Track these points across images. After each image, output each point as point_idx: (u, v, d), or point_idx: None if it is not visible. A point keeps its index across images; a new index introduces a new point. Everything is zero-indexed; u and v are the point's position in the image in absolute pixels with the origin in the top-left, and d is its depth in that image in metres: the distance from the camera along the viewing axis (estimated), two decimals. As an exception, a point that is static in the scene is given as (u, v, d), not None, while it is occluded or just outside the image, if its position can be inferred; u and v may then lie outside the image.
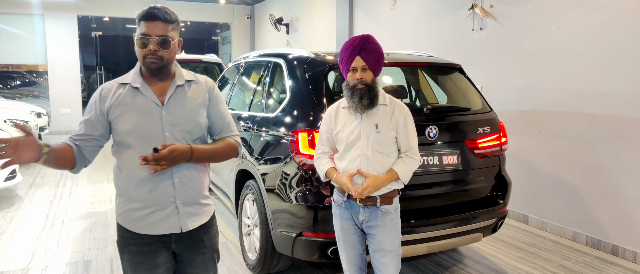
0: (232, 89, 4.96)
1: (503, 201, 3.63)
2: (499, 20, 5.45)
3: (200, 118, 2.03)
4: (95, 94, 2.01)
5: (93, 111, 1.96)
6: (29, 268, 3.99)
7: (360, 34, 2.60)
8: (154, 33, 1.90)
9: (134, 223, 1.98)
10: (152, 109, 1.95)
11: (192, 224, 2.02)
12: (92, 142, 1.97)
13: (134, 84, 1.97)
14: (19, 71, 22.62)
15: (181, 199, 1.98)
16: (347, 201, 2.59)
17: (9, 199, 6.14)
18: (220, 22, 15.18)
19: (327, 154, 2.69)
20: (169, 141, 1.92)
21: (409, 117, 2.61)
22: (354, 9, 8.64)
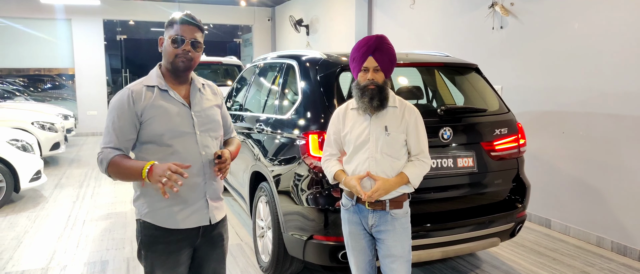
0: (248, 91, 4.96)
1: (521, 205, 3.53)
2: (520, 18, 5.31)
3: (218, 117, 2.22)
4: (122, 97, 2.04)
5: (126, 114, 2.01)
6: (48, 267, 4.07)
7: (374, 34, 2.55)
8: (188, 35, 2.04)
9: (166, 219, 2.07)
10: (182, 110, 2.08)
11: (218, 216, 2.20)
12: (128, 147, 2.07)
13: (162, 86, 2.08)
14: (48, 75, 23.26)
15: (209, 194, 2.14)
16: (355, 205, 2.54)
17: (34, 199, 6.29)
18: (241, 24, 15.28)
19: (335, 156, 2.64)
20: (199, 139, 2.09)
21: (420, 120, 2.56)
22: (373, 9, 8.57)
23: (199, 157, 2.08)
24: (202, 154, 2.10)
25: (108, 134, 2.03)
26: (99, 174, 8.00)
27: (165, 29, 2.09)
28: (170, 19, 2.08)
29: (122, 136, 2.02)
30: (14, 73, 22.55)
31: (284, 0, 13.24)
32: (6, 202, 5.81)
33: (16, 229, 5.07)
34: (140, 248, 2.12)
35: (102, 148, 2.03)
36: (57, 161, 9.30)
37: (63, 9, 12.67)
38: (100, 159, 2.02)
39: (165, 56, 2.08)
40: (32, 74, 20.60)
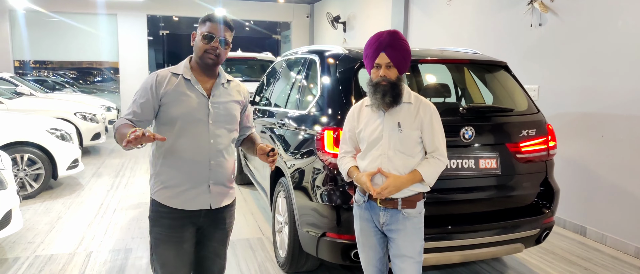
0: (274, 85, 4.96)
1: (549, 211, 3.35)
2: (560, 15, 5.06)
3: (235, 112, 2.36)
4: (149, 79, 2.24)
5: (149, 95, 2.19)
6: (76, 252, 4.20)
7: (386, 30, 2.49)
8: (218, 34, 2.21)
9: (170, 199, 2.24)
10: (200, 99, 2.23)
11: (220, 203, 2.32)
12: (143, 123, 2.22)
13: (186, 75, 2.24)
14: (95, 68, 24.18)
15: (213, 180, 2.27)
16: (368, 201, 2.49)
17: (71, 187, 6.53)
18: (280, 21, 15.36)
19: (350, 153, 2.61)
20: (211, 129, 2.24)
21: (436, 117, 2.47)
22: (410, 5, 8.40)
23: (207, 145, 2.23)
24: (210, 142, 2.24)
25: (129, 107, 2.22)
26: (135, 164, 8.22)
27: (199, 25, 2.26)
28: (205, 16, 2.24)
29: (138, 111, 2.19)
30: (66, 65, 23.61)
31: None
32: (44, 189, 6.05)
33: (51, 214, 5.26)
34: (149, 223, 2.32)
35: (120, 118, 2.22)
36: (98, 150, 9.63)
37: (109, 4, 13.11)
38: (113, 125, 2.20)
39: (196, 50, 2.24)
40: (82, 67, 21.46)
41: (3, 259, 3.99)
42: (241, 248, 4.36)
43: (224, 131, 2.28)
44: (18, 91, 9.54)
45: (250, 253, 4.23)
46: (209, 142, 2.23)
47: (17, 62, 13.83)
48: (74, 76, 22.18)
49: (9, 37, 12.80)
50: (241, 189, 6.53)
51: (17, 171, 5.71)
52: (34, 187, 5.89)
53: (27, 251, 4.18)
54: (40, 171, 5.90)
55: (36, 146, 5.84)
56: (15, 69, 13.45)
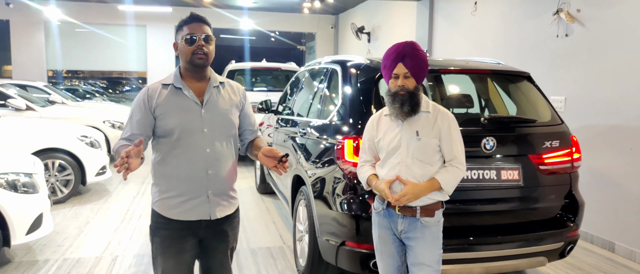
0: (296, 95, 5.01)
1: (573, 224, 3.29)
2: (587, 25, 4.98)
3: (232, 116, 2.28)
4: (141, 94, 2.21)
5: (142, 111, 2.16)
6: (102, 257, 4.30)
7: (404, 41, 2.53)
8: (199, 32, 2.15)
9: (168, 209, 2.20)
10: (193, 107, 2.18)
11: (219, 213, 2.25)
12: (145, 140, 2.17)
13: (177, 84, 2.19)
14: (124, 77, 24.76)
15: (212, 190, 2.21)
16: (386, 209, 2.52)
17: (99, 193, 6.69)
18: (305, 32, 15.50)
19: (370, 162, 2.64)
20: (207, 137, 2.18)
21: (454, 125, 2.49)
22: (434, 15, 8.39)
23: (203, 153, 2.17)
24: (207, 151, 2.17)
25: (126, 127, 2.20)
26: (161, 172, 8.37)
27: (176, 33, 2.22)
28: (179, 22, 2.20)
29: (136, 129, 2.16)
30: (96, 75, 24.27)
31: (346, 8, 13.29)
32: (74, 194, 6.22)
33: (79, 219, 5.41)
34: (149, 232, 2.28)
35: (119, 140, 2.20)
36: (126, 158, 9.83)
37: (139, 15, 13.47)
38: (113, 149, 2.19)
39: (183, 56, 2.18)
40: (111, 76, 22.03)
41: (34, 261, 4.13)
42: (262, 256, 4.40)
43: (222, 138, 2.23)
44: (51, 99, 9.87)
45: (271, 262, 4.27)
46: (206, 151, 2.17)
47: (50, 72, 14.29)
48: (103, 85, 22.79)
49: (43, 47, 13.27)
50: (263, 198, 6.58)
51: (49, 177, 5.89)
52: (64, 193, 6.06)
53: (57, 254, 4.31)
54: (70, 177, 6.08)
55: (67, 153, 6.02)
56: (49, 78, 13.91)
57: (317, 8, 12.14)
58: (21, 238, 3.81)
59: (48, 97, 10.02)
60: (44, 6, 12.70)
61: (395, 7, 10.12)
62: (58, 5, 12.83)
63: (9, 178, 3.82)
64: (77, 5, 13.04)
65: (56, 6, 12.80)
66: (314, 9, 12.54)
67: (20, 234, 3.79)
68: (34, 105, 8.49)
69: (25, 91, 10.02)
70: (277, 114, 5.61)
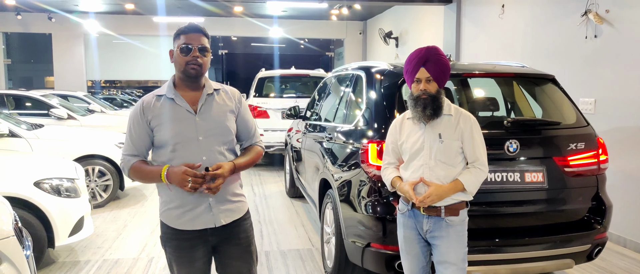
0: (323, 100, 5.13)
1: (601, 226, 3.27)
2: (616, 26, 4.92)
3: (228, 123, 2.25)
4: (135, 109, 2.23)
5: (139, 124, 2.18)
6: (139, 258, 4.50)
7: (426, 46, 2.61)
8: (195, 43, 2.14)
9: (173, 220, 2.21)
10: (187, 116, 2.18)
11: (225, 220, 2.25)
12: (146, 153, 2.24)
13: (169, 95, 2.19)
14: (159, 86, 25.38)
15: (213, 198, 2.20)
16: (411, 210, 2.60)
17: (136, 197, 6.96)
18: (334, 38, 15.64)
19: (393, 164, 2.72)
20: (202, 145, 2.17)
21: (476, 127, 2.56)
22: (462, 19, 8.38)
23: (199, 162, 2.12)
24: (203, 159, 2.15)
25: (127, 142, 2.22)
26: (194, 177, 8.62)
27: (173, 41, 2.20)
28: (177, 30, 2.18)
29: (138, 143, 2.19)
30: (133, 84, 25.05)
31: (374, 14, 13.37)
32: (112, 199, 6.49)
33: (118, 222, 5.66)
34: (160, 242, 2.31)
35: (123, 155, 2.22)
36: (161, 164, 10.16)
37: (172, 26, 13.88)
38: (122, 166, 2.23)
39: (177, 66, 2.18)
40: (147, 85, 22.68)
41: (76, 262, 4.36)
42: (291, 258, 4.52)
43: (218, 145, 2.20)
44: (90, 108, 10.31)
45: (300, 263, 4.38)
46: (202, 160, 2.14)
47: (89, 82, 14.90)
48: (139, 94, 23.50)
49: (83, 58, 13.85)
50: (293, 201, 6.71)
51: (89, 182, 6.17)
52: (104, 197, 6.34)
53: (97, 255, 4.54)
54: (109, 182, 6.35)
55: (106, 159, 6.29)
56: (88, 88, 14.49)
57: (345, 15, 12.26)
58: (64, 240, 4.03)
59: (87, 107, 10.47)
60: (83, 19, 13.27)
61: (423, 11, 10.14)
62: (97, 18, 13.39)
63: (53, 183, 4.05)
64: (114, 18, 13.56)
65: (95, 19, 13.35)
66: (342, 16, 12.67)
67: (64, 236, 4.02)
68: (75, 114, 8.90)
69: (66, 100, 10.51)
70: (305, 119, 5.74)
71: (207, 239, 2.24)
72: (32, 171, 4.07)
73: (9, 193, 3.63)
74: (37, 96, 9.07)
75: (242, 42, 16.96)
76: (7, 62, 13.81)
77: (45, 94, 9.58)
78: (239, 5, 12.13)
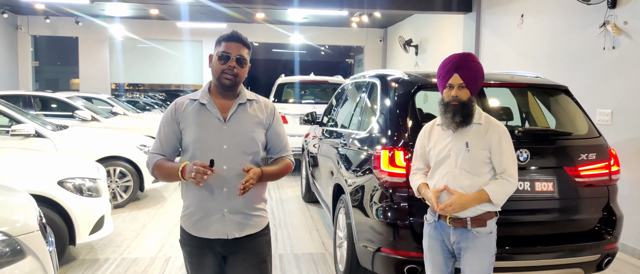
0: (340, 107, 5.21)
1: (611, 237, 3.27)
2: (634, 38, 4.89)
3: (255, 134, 2.21)
4: (169, 108, 2.26)
5: (170, 124, 2.20)
6: (156, 257, 4.63)
7: (460, 52, 2.59)
8: (234, 52, 2.12)
9: (189, 225, 2.23)
10: (215, 123, 2.17)
11: (238, 233, 2.20)
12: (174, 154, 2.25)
13: (202, 100, 2.19)
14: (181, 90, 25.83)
15: (228, 208, 2.17)
16: (438, 221, 2.58)
17: (156, 199, 7.13)
18: (354, 45, 15.73)
19: (422, 170, 2.72)
20: (225, 153, 2.14)
21: (505, 138, 2.52)
22: (481, 28, 8.38)
23: (220, 170, 2.10)
24: (224, 168, 2.11)
25: (155, 140, 2.25)
26: (212, 180, 8.77)
27: (215, 46, 2.18)
28: (220, 36, 2.17)
29: (165, 142, 2.21)
30: (156, 88, 25.49)
31: (395, 22, 13.42)
32: (132, 200, 6.66)
33: (137, 222, 5.81)
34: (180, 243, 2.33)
35: (150, 153, 2.25)
36: (180, 167, 10.35)
37: (195, 31, 14.17)
38: (147, 162, 2.25)
39: (213, 72, 2.17)
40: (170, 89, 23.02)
41: (95, 259, 4.51)
42: (305, 261, 4.59)
43: (241, 156, 2.16)
44: (113, 110, 10.57)
45: (313, 267, 4.45)
46: (223, 169, 2.11)
47: (113, 85, 15.25)
48: (162, 98, 23.91)
49: (108, 62, 14.21)
50: (308, 206, 6.80)
51: (110, 183, 6.35)
52: (124, 198, 6.51)
53: (116, 253, 4.68)
54: (129, 184, 6.52)
55: (127, 161, 6.47)
56: (112, 91, 14.84)
57: (365, 22, 12.36)
58: (85, 237, 4.18)
59: (111, 109, 10.74)
60: (109, 24, 13.63)
61: (443, 20, 10.16)
62: (122, 22, 13.74)
63: (75, 182, 4.21)
64: (139, 23, 13.90)
65: (120, 24, 13.70)
66: (362, 23, 12.77)
67: (84, 234, 4.17)
68: (99, 116, 9.15)
69: (90, 102, 10.79)
70: (321, 125, 5.82)
71: (216, 249, 2.21)
72: (56, 170, 4.24)
73: (34, 191, 3.79)
74: (63, 98, 9.35)
75: (263, 48, 17.18)
76: (34, 65, 14.25)
77: (70, 96, 9.87)
78: (261, 12, 12.32)
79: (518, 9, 7.13)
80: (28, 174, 4.08)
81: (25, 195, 2.85)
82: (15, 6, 12.36)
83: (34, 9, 12.28)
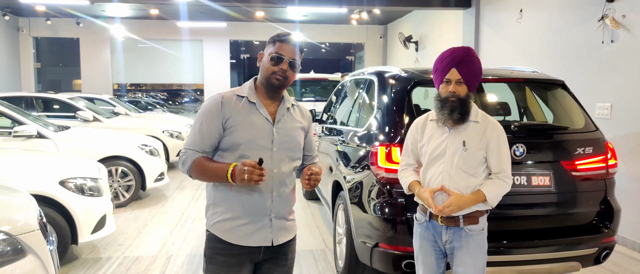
0: (338, 104, 5.23)
1: (608, 230, 3.29)
2: (632, 31, 4.89)
3: (300, 139, 2.19)
4: (213, 102, 2.08)
5: (214, 119, 2.05)
6: (158, 255, 4.67)
7: (460, 46, 2.52)
8: (288, 54, 2.06)
9: (228, 232, 2.07)
10: (265, 125, 2.08)
11: (282, 239, 2.15)
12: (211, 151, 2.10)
13: (251, 98, 2.10)
14: (183, 89, 25.89)
15: (275, 213, 2.10)
16: (429, 221, 2.53)
17: (157, 198, 7.17)
18: (354, 42, 15.74)
19: (412, 166, 2.64)
20: (275, 155, 2.08)
21: (503, 138, 2.49)
22: (481, 23, 8.38)
23: (270, 174, 2.05)
24: (273, 171, 2.07)
25: (194, 135, 2.07)
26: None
27: (267, 45, 2.12)
28: (275, 35, 2.10)
29: (207, 139, 2.05)
30: (157, 88, 25.55)
31: (395, 18, 13.41)
32: (134, 199, 6.70)
33: (139, 221, 5.85)
34: (204, 260, 2.15)
35: (186, 149, 2.08)
36: (182, 166, 10.39)
37: (196, 31, 14.20)
38: (183, 159, 2.08)
39: (263, 71, 2.10)
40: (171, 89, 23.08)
41: (98, 258, 4.55)
42: (305, 258, 4.62)
43: (287, 159, 2.12)
44: (115, 111, 10.61)
45: (313, 263, 4.48)
46: (273, 172, 2.06)
47: (115, 85, 15.30)
48: (164, 97, 23.97)
49: (109, 62, 14.26)
50: (310, 203, 6.83)
51: (112, 182, 6.40)
52: (126, 197, 6.55)
53: (118, 252, 4.72)
54: (131, 183, 6.56)
55: (129, 160, 6.51)
56: (114, 92, 14.89)
57: (365, 19, 12.36)
58: (87, 237, 4.22)
59: (113, 109, 10.78)
60: (109, 24, 13.67)
61: (442, 16, 10.16)
62: (122, 22, 13.78)
63: (77, 182, 4.25)
64: (139, 23, 13.93)
65: (121, 24, 13.74)
66: (362, 20, 12.77)
67: (86, 233, 4.21)
68: (100, 116, 9.19)
69: (92, 103, 10.83)
70: (321, 123, 5.84)
71: (256, 256, 2.12)
72: (57, 170, 4.27)
73: (35, 191, 3.83)
74: (65, 99, 9.40)
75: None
76: (36, 66, 14.30)
77: (72, 96, 9.91)
78: (261, 10, 12.34)
79: (517, 3, 7.13)
80: (30, 175, 4.12)
81: (25, 195, 2.88)
82: (17, 8, 12.40)
83: (35, 11, 12.33)
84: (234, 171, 1.95)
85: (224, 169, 1.97)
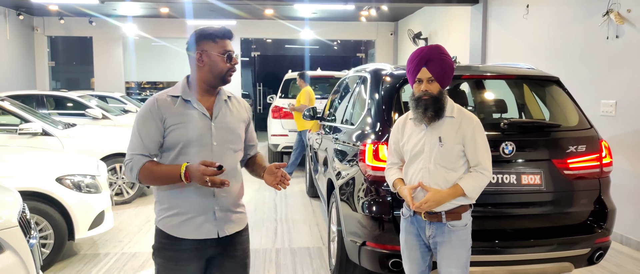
0: (337, 101, 5.20)
1: (602, 230, 3.21)
2: (638, 26, 4.76)
3: (240, 131, 2.21)
4: (148, 106, 2.08)
5: (153, 121, 2.05)
6: (156, 252, 4.70)
7: (428, 45, 2.57)
8: (233, 50, 2.09)
9: (174, 228, 2.08)
10: (203, 121, 2.09)
11: (228, 230, 2.15)
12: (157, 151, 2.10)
13: (185, 97, 2.09)
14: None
15: (219, 206, 2.12)
16: (413, 216, 2.57)
17: (163, 195, 7.23)
18: (365, 39, 15.65)
19: (397, 165, 2.69)
20: (216, 150, 2.09)
21: (478, 130, 2.49)
22: (488, 20, 8.26)
23: None
24: None
25: (134, 141, 2.06)
26: (220, 176, 8.85)
27: (205, 42, 2.06)
28: (212, 32, 2.06)
29: (149, 141, 2.05)
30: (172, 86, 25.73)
31: (405, 15, 13.31)
32: (138, 195, 6.77)
33: (141, 217, 5.91)
34: (152, 252, 2.17)
35: (131, 155, 2.05)
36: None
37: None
38: (130, 166, 2.05)
39: (214, 71, 2.07)
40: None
41: (96, 254, 4.60)
42: (300, 255, 4.61)
43: (229, 153, 2.14)
44: (126, 108, 10.75)
45: (308, 261, 4.47)
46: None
47: (131, 83, 15.48)
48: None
49: (121, 61, 14.42)
50: (312, 201, 6.82)
51: (116, 179, 6.47)
52: (130, 194, 6.62)
53: (116, 248, 4.77)
54: (135, 180, 6.62)
55: (133, 157, 6.56)
56: (128, 90, 15.07)
57: (374, 16, 12.28)
58: (84, 233, 4.27)
59: (123, 107, 10.92)
60: (121, 23, 13.82)
61: (451, 12, 10.05)
62: (134, 21, 13.92)
63: (74, 179, 4.30)
64: (150, 21, 14.06)
65: (132, 22, 13.89)
66: (371, 17, 12.69)
67: (83, 229, 4.26)
68: (109, 114, 9.31)
69: (104, 101, 10.99)
70: (322, 120, 5.82)
71: (206, 250, 2.12)
72: (55, 167, 4.33)
73: (31, 188, 3.89)
74: (75, 97, 9.54)
75: (274, 44, 17.21)
76: (51, 65, 14.54)
77: (83, 94, 10.06)
78: (270, 8, 12.35)
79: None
80: (27, 172, 4.18)
81: (11, 191, 2.92)
82: (30, 8, 12.61)
83: (48, 10, 12.52)
84: (189, 171, 1.95)
85: (175, 171, 1.98)
